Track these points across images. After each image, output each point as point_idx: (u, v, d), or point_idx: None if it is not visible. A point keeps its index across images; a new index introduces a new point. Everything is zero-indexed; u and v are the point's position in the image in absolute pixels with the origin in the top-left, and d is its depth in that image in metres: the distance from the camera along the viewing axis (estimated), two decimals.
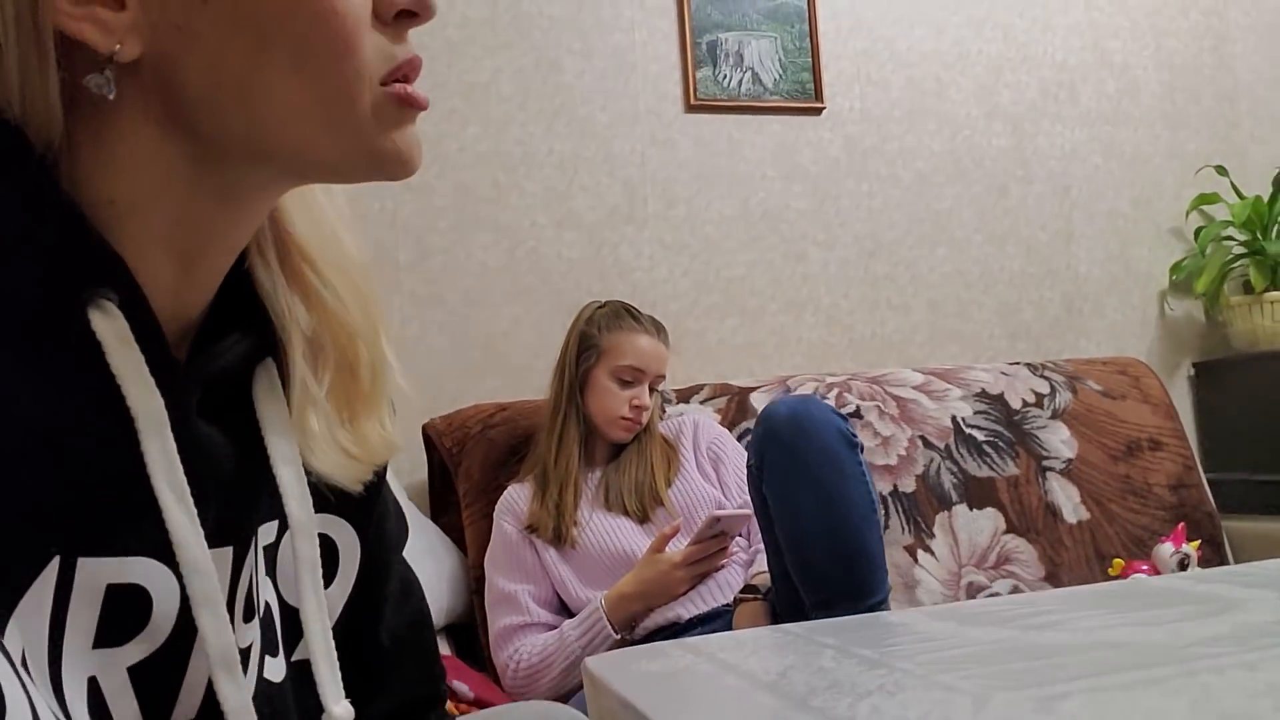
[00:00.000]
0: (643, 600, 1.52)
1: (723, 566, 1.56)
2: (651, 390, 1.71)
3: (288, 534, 0.55)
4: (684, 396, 1.97)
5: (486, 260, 2.12)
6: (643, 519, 1.63)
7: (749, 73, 2.33)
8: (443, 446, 1.83)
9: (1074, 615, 1.04)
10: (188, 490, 0.45)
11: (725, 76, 2.31)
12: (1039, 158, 2.51)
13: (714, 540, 1.53)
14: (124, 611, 0.45)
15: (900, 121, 2.42)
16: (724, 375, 2.21)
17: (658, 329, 1.74)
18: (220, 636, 0.46)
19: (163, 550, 0.45)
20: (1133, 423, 2.14)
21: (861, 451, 1.31)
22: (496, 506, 1.68)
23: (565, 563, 1.61)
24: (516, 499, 1.67)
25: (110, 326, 0.43)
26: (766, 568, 1.50)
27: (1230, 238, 2.48)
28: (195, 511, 0.45)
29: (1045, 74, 2.54)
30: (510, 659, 1.55)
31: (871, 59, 2.41)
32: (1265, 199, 2.42)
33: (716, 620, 1.49)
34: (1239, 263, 2.47)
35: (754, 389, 2.01)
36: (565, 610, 1.62)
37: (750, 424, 1.94)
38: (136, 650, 0.46)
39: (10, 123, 0.42)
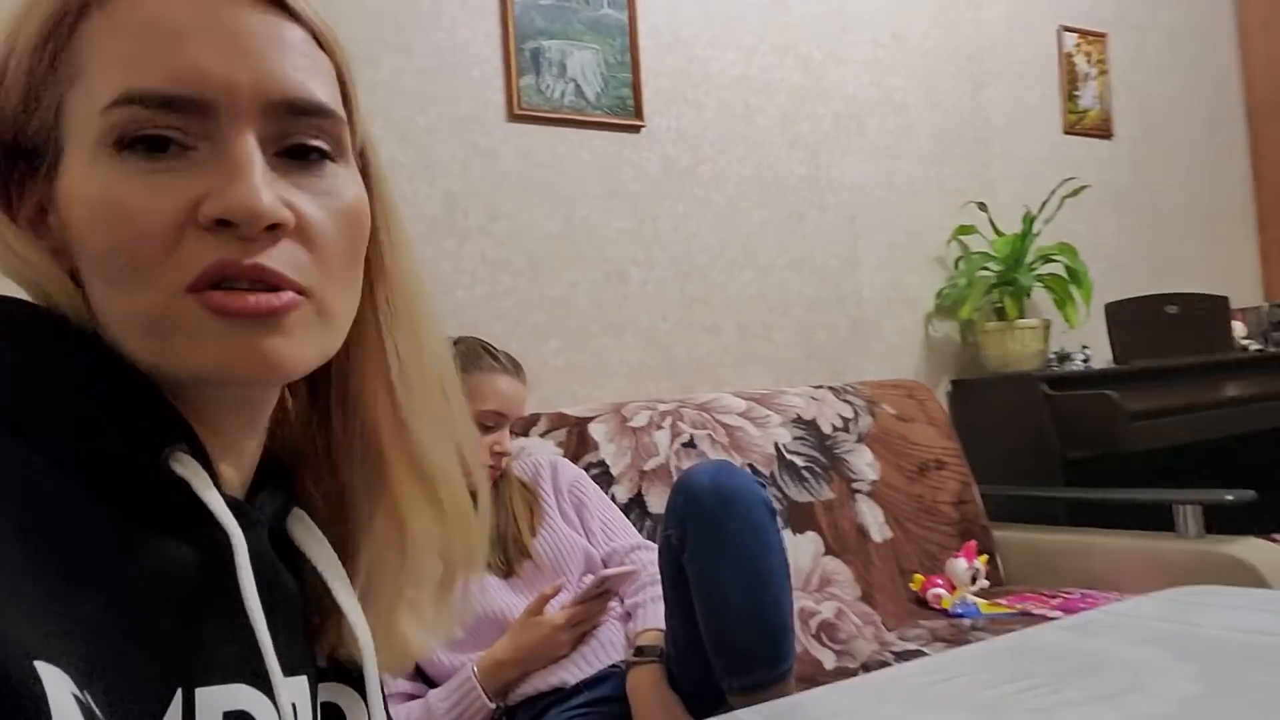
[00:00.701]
0: (521, 666, 1.45)
1: (601, 624, 1.53)
2: (512, 433, 1.63)
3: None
4: (522, 429, 1.90)
5: None
6: (507, 573, 1.55)
7: (572, 84, 2.26)
8: None
9: (998, 688, 1.12)
10: (262, 613, 0.48)
11: (548, 86, 2.23)
12: (832, 187, 2.64)
13: (597, 600, 1.49)
14: None
15: (713, 144, 2.45)
16: (547, 399, 2.15)
17: (516, 368, 1.65)
18: None
19: (255, 676, 0.48)
20: (922, 444, 2.33)
21: (778, 517, 1.32)
22: None
23: None
24: None
25: (190, 472, 0.47)
26: (649, 624, 1.48)
27: (987, 269, 2.74)
28: (269, 635, 0.48)
29: (838, 107, 2.67)
30: None
31: (688, 79, 2.42)
32: (1019, 235, 2.70)
33: (604, 683, 1.45)
34: (993, 291, 2.74)
35: (590, 419, 1.97)
36: (424, 678, 1.52)
37: (592, 456, 1.91)
38: None
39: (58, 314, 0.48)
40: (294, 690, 0.52)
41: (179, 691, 0.45)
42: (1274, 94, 3.57)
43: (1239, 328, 3.19)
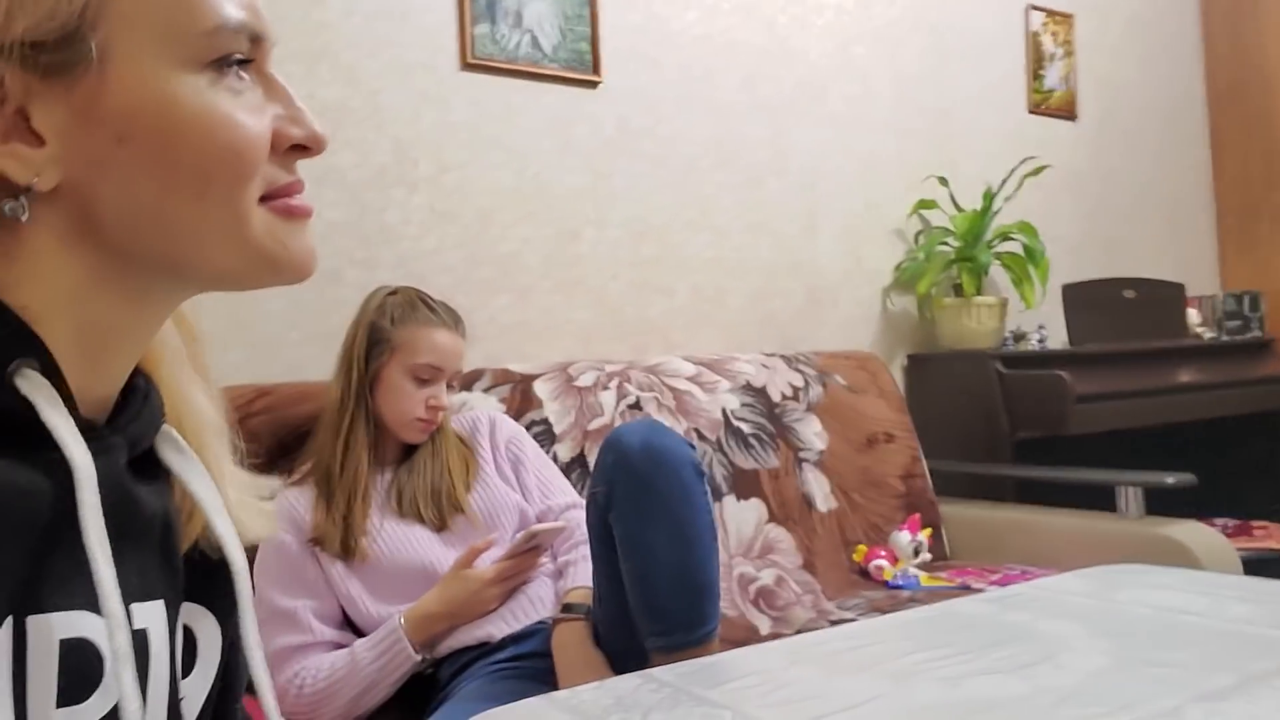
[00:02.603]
0: (449, 620, 1.41)
1: (531, 580, 1.49)
2: (449, 387, 1.58)
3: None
4: (465, 383, 1.85)
5: None
6: (440, 527, 1.51)
7: (528, 35, 2.20)
8: None
9: (911, 656, 1.10)
10: (108, 543, 0.46)
11: (504, 36, 2.17)
12: (792, 152, 2.61)
13: (527, 555, 1.45)
14: (79, 667, 0.46)
15: (672, 104, 2.40)
16: (493, 355, 2.10)
17: (455, 321, 1.60)
18: (131, 700, 0.47)
19: (98, 604, 0.47)
20: (871, 416, 2.31)
21: (706, 480, 1.29)
22: None
23: (354, 577, 1.46)
24: (294, 504, 1.48)
25: (38, 391, 0.46)
26: (579, 582, 1.45)
27: (947, 244, 2.72)
28: (114, 566, 0.47)
29: (800, 71, 2.63)
30: (290, 683, 1.39)
31: (647, 36, 2.37)
32: (979, 212, 2.68)
33: (531, 638, 1.41)
34: (952, 267, 2.72)
35: (536, 377, 1.93)
36: (352, 627, 1.48)
37: (536, 414, 1.87)
38: (98, 706, 0.47)
39: None
40: (147, 615, 0.52)
41: (8, 620, 0.44)
42: (1234, 83, 3.57)
43: (1194, 315, 3.21)
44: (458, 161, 2.11)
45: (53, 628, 0.46)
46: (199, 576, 0.58)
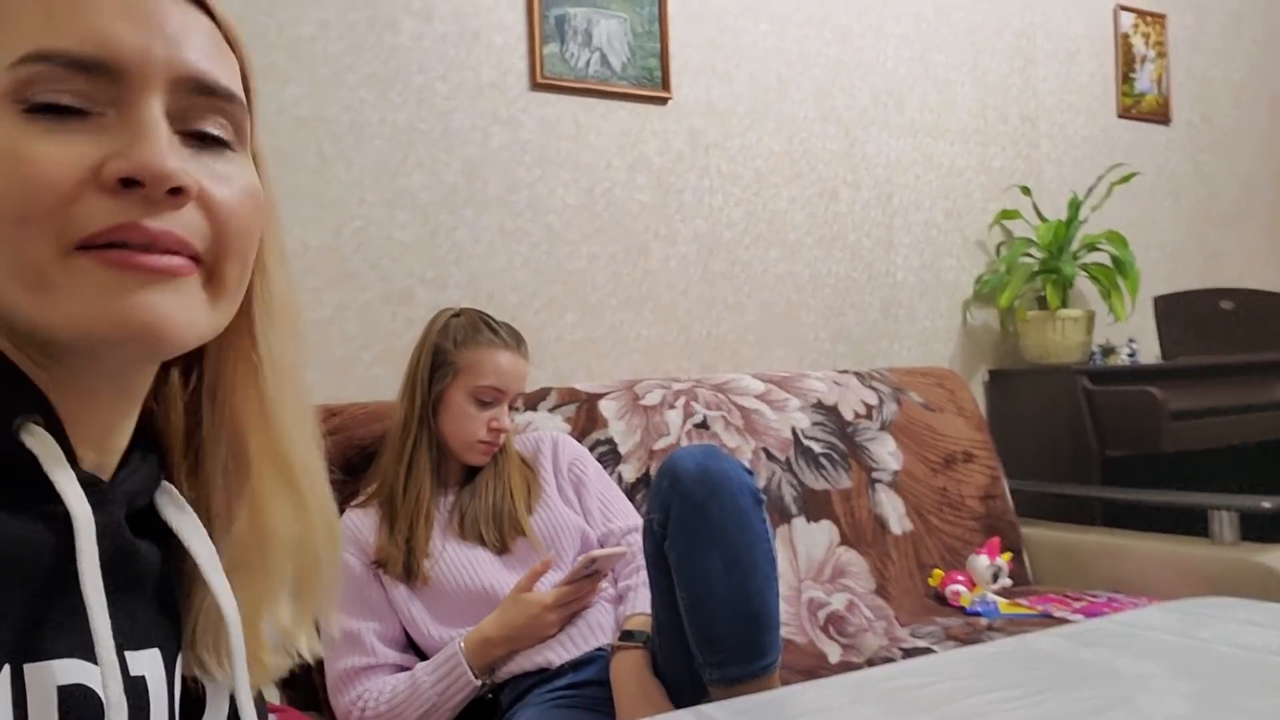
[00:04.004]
0: (508, 644, 1.41)
1: (591, 605, 1.48)
2: (511, 409, 1.58)
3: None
4: (530, 403, 1.85)
5: (307, 239, 1.90)
6: (502, 550, 1.51)
7: (597, 53, 2.20)
8: None
9: (981, 696, 1.05)
10: (103, 593, 0.46)
11: (573, 55, 2.17)
12: (867, 164, 2.55)
13: (587, 580, 1.44)
14: (79, 713, 0.46)
15: (743, 118, 2.38)
16: (561, 373, 2.11)
17: (518, 342, 1.60)
18: None
19: (93, 652, 0.47)
20: (949, 435, 2.24)
21: (764, 507, 1.26)
22: None
23: (417, 599, 1.47)
24: (359, 526, 1.50)
25: (41, 445, 0.46)
26: (639, 609, 1.43)
27: (1030, 255, 2.63)
28: (109, 615, 0.46)
29: (876, 81, 2.58)
30: (354, 704, 1.40)
31: (718, 50, 2.35)
32: (1064, 221, 2.59)
33: (590, 665, 1.40)
34: (1035, 279, 2.63)
35: (601, 395, 1.92)
36: (414, 649, 1.49)
37: (600, 434, 1.86)
38: None
39: None
40: (143, 663, 0.52)
41: (6, 667, 0.44)
42: None
43: None
44: (527, 181, 2.12)
45: (51, 675, 0.46)
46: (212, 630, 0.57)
